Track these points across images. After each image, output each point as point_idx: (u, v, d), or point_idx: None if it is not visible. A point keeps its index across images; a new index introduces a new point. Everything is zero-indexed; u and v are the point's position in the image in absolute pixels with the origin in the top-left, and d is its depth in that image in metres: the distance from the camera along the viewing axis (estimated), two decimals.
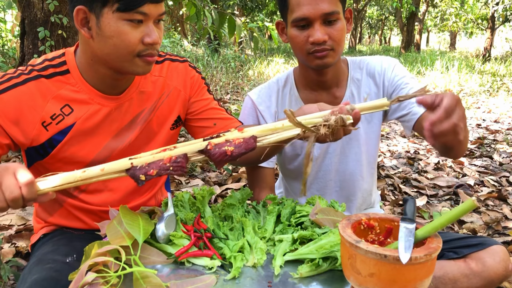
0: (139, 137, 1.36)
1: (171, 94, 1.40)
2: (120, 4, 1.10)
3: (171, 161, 0.98)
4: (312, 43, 1.44)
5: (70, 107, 1.24)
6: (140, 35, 1.15)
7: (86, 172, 0.99)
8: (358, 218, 0.98)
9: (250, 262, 1.04)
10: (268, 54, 12.85)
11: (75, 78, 1.25)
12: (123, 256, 0.92)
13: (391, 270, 0.83)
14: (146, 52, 1.18)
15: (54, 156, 1.26)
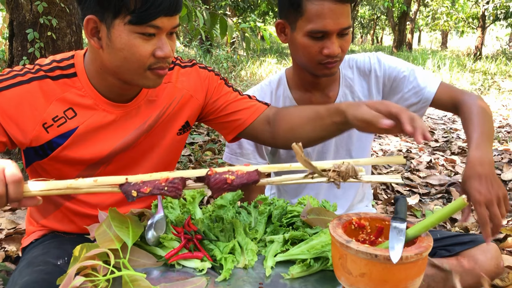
0: (143, 142, 1.33)
1: (182, 99, 1.36)
2: (132, 17, 1.07)
3: (167, 182, 0.96)
4: (326, 55, 1.43)
5: (74, 111, 1.22)
6: (151, 48, 1.12)
7: (78, 182, 0.96)
8: (348, 218, 0.97)
9: (241, 263, 1.04)
10: (261, 55, 12.84)
11: (82, 83, 1.22)
12: (112, 260, 0.91)
13: (382, 269, 0.83)
14: (157, 66, 1.15)
15: (53, 158, 1.23)
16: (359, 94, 1.65)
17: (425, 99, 1.56)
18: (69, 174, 1.26)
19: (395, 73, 1.61)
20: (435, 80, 1.58)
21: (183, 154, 3.87)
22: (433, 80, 1.58)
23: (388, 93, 1.64)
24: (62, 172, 1.26)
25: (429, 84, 1.57)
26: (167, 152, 1.40)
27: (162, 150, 1.39)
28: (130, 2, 1.05)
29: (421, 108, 1.58)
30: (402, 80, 1.60)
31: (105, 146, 1.27)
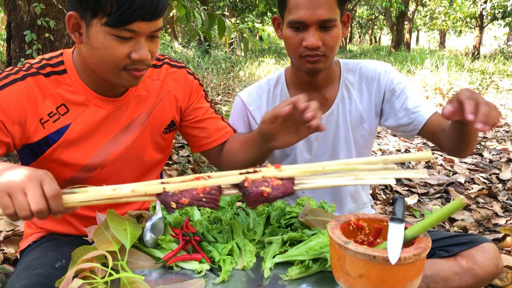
0: (136, 141, 1.35)
1: (166, 97, 1.39)
2: (109, 19, 1.07)
3: (204, 192, 0.96)
4: (305, 47, 1.43)
5: (66, 107, 1.23)
6: (127, 50, 1.12)
7: (116, 191, 0.97)
8: (347, 219, 0.97)
9: (240, 265, 1.04)
10: (259, 55, 12.85)
11: (72, 79, 1.23)
12: (110, 262, 0.91)
13: (380, 270, 0.83)
14: (132, 67, 1.16)
15: (48, 156, 1.24)
16: (357, 99, 1.64)
17: (418, 122, 1.54)
18: (64, 175, 1.27)
19: (397, 87, 1.60)
20: (430, 108, 1.56)
21: (182, 155, 3.87)
22: (429, 108, 1.56)
23: (385, 104, 1.63)
24: (57, 172, 1.26)
25: (424, 110, 1.55)
26: (156, 151, 1.43)
27: (154, 151, 1.41)
28: (106, 5, 1.05)
29: (412, 130, 1.57)
30: (401, 96, 1.58)
31: (98, 142, 1.28)
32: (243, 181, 0.99)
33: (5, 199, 0.89)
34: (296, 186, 1.02)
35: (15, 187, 0.89)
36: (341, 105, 1.63)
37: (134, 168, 1.39)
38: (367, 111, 1.64)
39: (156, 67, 1.39)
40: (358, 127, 1.65)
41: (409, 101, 1.56)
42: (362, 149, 1.70)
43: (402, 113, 1.57)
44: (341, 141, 1.66)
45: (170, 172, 3.34)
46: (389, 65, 1.66)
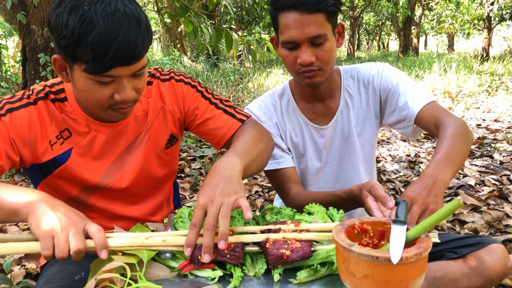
0: (140, 161, 1.40)
1: (161, 113, 1.42)
2: (86, 67, 1.09)
3: (229, 249, 1.05)
4: (300, 64, 1.50)
5: (69, 132, 1.29)
6: (110, 92, 1.15)
7: (148, 240, 1.06)
8: (351, 223, 1.01)
9: (251, 272, 1.08)
10: (267, 66, 12.92)
11: (72, 106, 1.29)
12: (128, 272, 0.96)
13: (383, 271, 0.86)
14: (117, 106, 1.19)
15: (57, 175, 1.31)
16: (357, 104, 1.69)
17: (409, 118, 1.57)
18: (71, 191, 1.35)
19: (390, 86, 1.64)
20: (424, 99, 1.56)
21: (194, 168, 3.92)
22: (422, 99, 1.56)
23: (384, 104, 1.68)
24: (64, 189, 1.35)
25: (416, 102, 1.56)
26: (162, 166, 1.48)
27: (159, 168, 1.46)
28: (82, 54, 1.07)
29: (408, 126, 1.60)
30: (395, 94, 1.62)
31: (102, 164, 1.35)
32: (265, 242, 1.08)
33: (49, 242, 0.95)
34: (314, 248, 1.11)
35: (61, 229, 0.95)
36: (344, 112, 1.69)
37: (143, 185, 1.45)
38: (368, 113, 1.70)
39: (149, 84, 1.42)
40: (362, 131, 1.71)
41: (401, 98, 1.59)
42: (368, 152, 1.75)
43: (396, 111, 1.62)
44: (347, 146, 1.72)
45: (183, 185, 3.40)
46: (383, 64, 1.70)
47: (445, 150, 1.29)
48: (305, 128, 1.71)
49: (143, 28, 1.11)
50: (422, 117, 1.53)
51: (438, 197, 1.16)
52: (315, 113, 1.71)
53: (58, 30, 1.08)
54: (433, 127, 1.49)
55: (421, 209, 1.12)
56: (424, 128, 1.56)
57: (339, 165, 1.75)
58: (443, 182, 1.19)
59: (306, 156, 1.72)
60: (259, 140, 1.38)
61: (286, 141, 1.72)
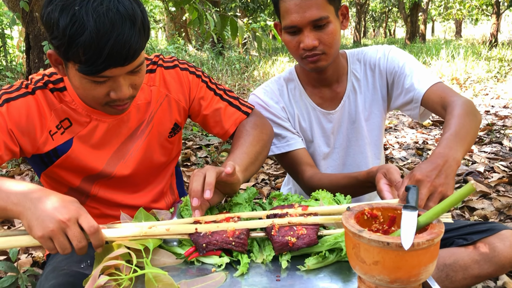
0: (142, 150, 1.38)
1: (165, 102, 1.40)
2: (80, 68, 1.05)
3: (234, 236, 1.05)
4: (303, 48, 1.47)
5: (69, 121, 1.27)
6: (105, 90, 1.12)
7: (152, 229, 1.05)
8: (360, 209, 0.99)
9: (259, 259, 1.06)
10: (273, 54, 12.85)
11: (71, 96, 1.26)
12: (134, 259, 0.95)
13: (394, 257, 0.84)
14: (114, 103, 1.17)
15: (59, 165, 1.29)
16: (365, 88, 1.67)
17: (416, 99, 1.54)
18: (73, 181, 1.33)
19: (396, 68, 1.61)
20: (430, 80, 1.53)
21: (200, 156, 3.91)
22: (428, 80, 1.53)
23: (391, 87, 1.66)
24: (66, 179, 1.33)
25: (422, 83, 1.52)
26: (165, 155, 1.46)
27: (161, 157, 1.44)
28: (75, 56, 1.04)
29: (415, 108, 1.56)
30: (401, 76, 1.59)
31: (104, 154, 1.33)
32: (271, 228, 1.07)
33: (48, 243, 0.95)
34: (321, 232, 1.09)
35: (56, 231, 0.94)
36: (352, 96, 1.67)
37: (145, 173, 1.43)
38: (375, 97, 1.67)
39: (152, 72, 1.39)
40: (370, 115, 1.69)
41: (407, 80, 1.57)
42: (376, 137, 1.73)
43: (402, 93, 1.59)
44: (355, 131, 1.70)
45: (189, 173, 3.39)
46: (389, 47, 1.68)
47: (454, 129, 1.25)
48: (312, 113, 1.69)
49: (138, 26, 1.06)
50: (428, 98, 1.50)
51: (449, 178, 1.09)
52: (322, 98, 1.68)
53: (50, 29, 1.04)
54: (440, 108, 1.45)
55: (429, 191, 1.07)
56: (431, 110, 1.52)
57: (347, 150, 1.73)
58: (454, 161, 1.13)
59: (314, 141, 1.70)
60: (259, 140, 1.40)
61: (295, 126, 1.69)
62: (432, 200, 1.07)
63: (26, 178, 3.32)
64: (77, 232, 0.95)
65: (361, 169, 1.72)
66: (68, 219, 0.95)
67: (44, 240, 0.95)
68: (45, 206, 0.96)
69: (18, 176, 3.38)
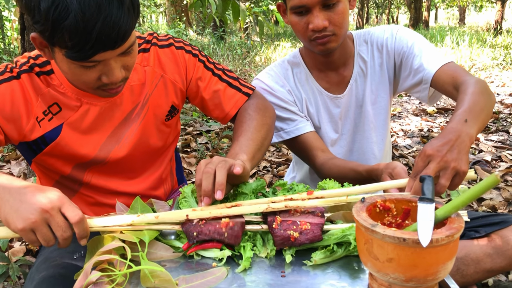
0: (138, 134, 1.31)
1: (160, 83, 1.32)
2: (67, 53, 0.97)
3: (227, 227, 0.97)
4: (312, 30, 1.40)
5: (59, 106, 1.19)
6: (96, 74, 1.05)
7: (140, 217, 0.98)
8: (373, 201, 0.92)
9: (263, 253, 1.00)
10: (275, 39, 12.71)
11: (60, 79, 1.19)
12: (128, 254, 0.88)
13: (411, 254, 0.78)
14: (106, 88, 1.10)
15: (48, 152, 1.22)
16: (372, 71, 1.61)
17: (425, 80, 1.46)
18: (63, 169, 1.26)
19: (405, 48, 1.54)
20: (441, 60, 1.45)
21: (200, 143, 3.85)
22: (439, 60, 1.45)
23: (399, 69, 1.59)
24: (57, 167, 1.26)
25: (432, 63, 1.45)
26: (162, 139, 1.39)
27: (158, 141, 1.37)
28: (60, 41, 0.95)
29: (424, 89, 1.49)
30: (410, 56, 1.52)
31: (97, 139, 1.25)
32: (272, 221, 0.99)
33: (30, 235, 0.88)
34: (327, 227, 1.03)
35: (38, 222, 0.87)
36: (359, 79, 1.61)
37: (141, 159, 1.36)
38: (382, 79, 1.61)
39: (145, 51, 1.32)
40: (376, 98, 1.63)
41: (416, 60, 1.49)
42: (382, 122, 1.66)
43: (411, 74, 1.52)
44: (362, 116, 1.64)
45: (189, 159, 3.33)
46: (397, 26, 1.60)
47: (468, 105, 1.16)
48: (319, 97, 1.62)
49: (127, 5, 0.97)
50: (439, 78, 1.42)
51: (462, 154, 1.01)
52: (328, 82, 1.62)
53: (31, 12, 0.95)
54: (451, 88, 1.37)
55: (439, 166, 0.98)
56: (442, 90, 1.44)
57: (354, 136, 1.67)
58: (468, 136, 1.05)
59: (322, 128, 1.63)
60: (262, 125, 1.32)
61: (303, 111, 1.63)
62: (445, 177, 0.99)
63: (22, 163, 3.26)
64: (61, 222, 0.89)
65: (367, 155, 1.67)
66: (51, 208, 0.88)
67: (25, 233, 0.88)
68: (25, 197, 0.88)
69: (14, 161, 3.32)
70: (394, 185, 1.07)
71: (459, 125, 1.07)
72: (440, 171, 0.99)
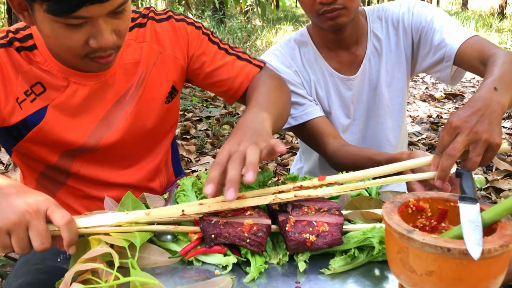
0: (132, 118, 1.17)
1: (159, 61, 1.18)
2: (48, 7, 0.85)
3: (250, 232, 0.83)
4: (320, 3, 1.27)
5: (43, 86, 1.05)
6: (83, 37, 0.91)
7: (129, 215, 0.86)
8: (404, 200, 0.78)
9: (274, 259, 0.86)
10: (276, 23, 12.50)
11: (43, 55, 1.04)
12: (116, 261, 0.75)
13: (456, 267, 0.64)
14: (95, 55, 0.96)
15: (31, 139, 1.08)
16: (388, 50, 1.48)
17: (448, 56, 1.33)
18: (49, 158, 1.12)
19: (423, 23, 1.41)
20: (464, 34, 1.32)
21: (200, 129, 3.71)
22: (462, 34, 1.32)
23: (417, 47, 1.46)
24: (42, 156, 1.12)
25: (455, 37, 1.32)
26: (160, 124, 1.24)
27: (155, 122, 1.22)
28: None
29: (446, 67, 1.36)
30: (429, 32, 1.39)
31: (86, 124, 1.11)
32: (285, 222, 0.85)
33: (4, 238, 0.75)
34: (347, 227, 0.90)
35: (18, 224, 0.74)
36: (373, 59, 1.48)
37: (136, 146, 1.22)
38: (398, 59, 1.48)
39: (141, 26, 1.18)
40: (392, 80, 1.50)
41: (436, 35, 1.37)
42: (398, 105, 1.53)
43: (431, 51, 1.39)
44: (376, 99, 1.51)
45: (189, 147, 3.20)
46: (413, 0, 1.46)
47: (498, 74, 1.04)
48: (330, 79, 1.48)
49: None
50: (464, 53, 1.29)
51: (494, 124, 0.89)
52: (339, 62, 1.48)
53: None
54: (478, 63, 1.25)
55: (468, 139, 0.86)
56: (467, 67, 1.32)
57: (367, 121, 1.54)
58: (499, 105, 0.92)
59: (332, 113, 1.50)
60: (281, 91, 1.16)
61: (311, 94, 1.50)
62: (476, 151, 0.87)
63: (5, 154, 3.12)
64: (42, 229, 0.76)
65: (382, 143, 1.54)
66: (36, 211, 0.76)
67: (1, 235, 0.75)
68: (8, 197, 0.77)
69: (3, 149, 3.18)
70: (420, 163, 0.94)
71: (488, 93, 0.95)
72: (469, 145, 0.87)
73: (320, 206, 0.91)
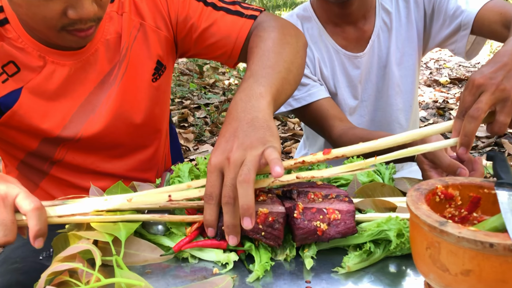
0: (117, 100, 1.05)
1: (140, 33, 1.06)
2: None
3: (265, 223, 0.72)
4: None
5: (16, 66, 0.95)
6: (60, 6, 0.81)
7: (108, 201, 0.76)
8: (431, 187, 0.68)
9: (280, 255, 0.76)
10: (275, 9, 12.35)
11: (17, 31, 0.94)
12: (98, 260, 0.65)
13: (499, 265, 0.54)
14: (73, 27, 0.85)
15: (4, 123, 0.98)
16: (398, 25, 1.39)
17: (465, 24, 1.24)
18: (29, 144, 1.02)
19: None
20: None
21: (198, 117, 3.61)
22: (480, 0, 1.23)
23: (430, 20, 1.37)
24: (20, 142, 1.02)
25: (472, 3, 1.23)
26: (149, 107, 1.12)
27: (143, 105, 1.11)
28: None
29: (463, 37, 1.27)
30: (442, 2, 1.31)
31: (66, 108, 1.01)
32: (292, 209, 0.75)
33: None
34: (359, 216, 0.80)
35: None
36: (382, 35, 1.40)
37: (124, 132, 1.10)
38: (409, 34, 1.39)
39: None
40: (402, 57, 1.41)
41: (451, 4, 1.28)
42: (409, 85, 1.44)
43: (446, 23, 1.31)
44: (386, 78, 1.42)
45: (187, 135, 3.10)
46: None
47: None
48: (335, 57, 1.39)
49: None
50: (483, 18, 1.21)
51: None
52: (346, 38, 1.39)
53: None
54: (500, 27, 1.16)
55: (494, 97, 0.76)
56: (487, 33, 1.22)
57: (376, 103, 1.45)
58: None
59: (338, 93, 1.41)
60: (283, 43, 0.98)
61: (316, 73, 1.41)
62: (505, 111, 0.77)
63: None
64: (7, 218, 0.67)
65: (392, 125, 1.46)
66: (3, 197, 0.68)
67: None
68: None
69: None
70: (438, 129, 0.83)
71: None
72: (496, 105, 0.77)
73: (326, 192, 0.80)
